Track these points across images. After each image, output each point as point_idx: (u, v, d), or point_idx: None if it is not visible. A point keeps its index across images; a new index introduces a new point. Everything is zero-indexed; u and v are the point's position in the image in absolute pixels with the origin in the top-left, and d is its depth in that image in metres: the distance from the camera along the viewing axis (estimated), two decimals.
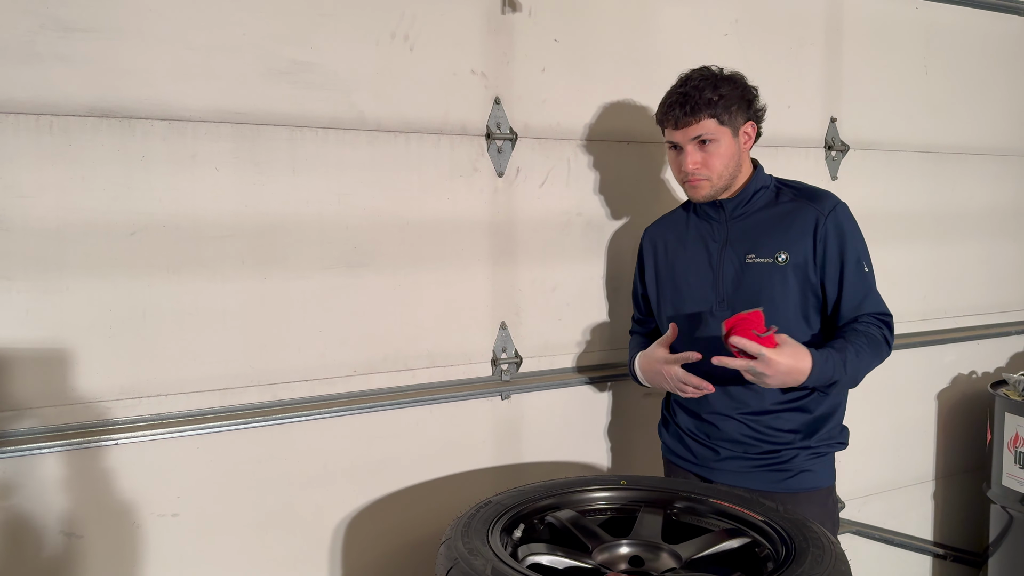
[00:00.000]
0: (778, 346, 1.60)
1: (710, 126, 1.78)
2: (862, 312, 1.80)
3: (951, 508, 3.09)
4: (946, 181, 2.92)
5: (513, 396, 2.19)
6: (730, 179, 1.85)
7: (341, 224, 1.94)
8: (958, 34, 2.90)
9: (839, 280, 1.80)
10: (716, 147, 1.80)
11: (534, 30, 2.14)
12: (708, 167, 1.81)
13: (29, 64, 1.63)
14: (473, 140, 2.09)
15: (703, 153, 1.81)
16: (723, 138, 1.80)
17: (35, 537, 1.69)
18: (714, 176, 1.82)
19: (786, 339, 1.63)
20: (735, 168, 1.85)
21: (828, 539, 1.40)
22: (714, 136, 1.79)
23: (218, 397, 1.84)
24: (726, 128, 1.80)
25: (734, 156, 1.83)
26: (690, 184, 1.85)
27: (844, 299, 1.80)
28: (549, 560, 1.44)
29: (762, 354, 1.58)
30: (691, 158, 1.81)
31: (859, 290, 1.80)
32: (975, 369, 3.09)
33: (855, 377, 1.75)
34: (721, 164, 1.81)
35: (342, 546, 2.01)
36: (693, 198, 1.89)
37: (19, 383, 1.66)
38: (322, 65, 1.90)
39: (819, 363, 1.64)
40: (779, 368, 1.59)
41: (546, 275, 2.21)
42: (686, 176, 1.84)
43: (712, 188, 1.84)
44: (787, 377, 1.62)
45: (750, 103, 1.85)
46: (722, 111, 1.78)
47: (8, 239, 1.63)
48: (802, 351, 1.63)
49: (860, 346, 1.73)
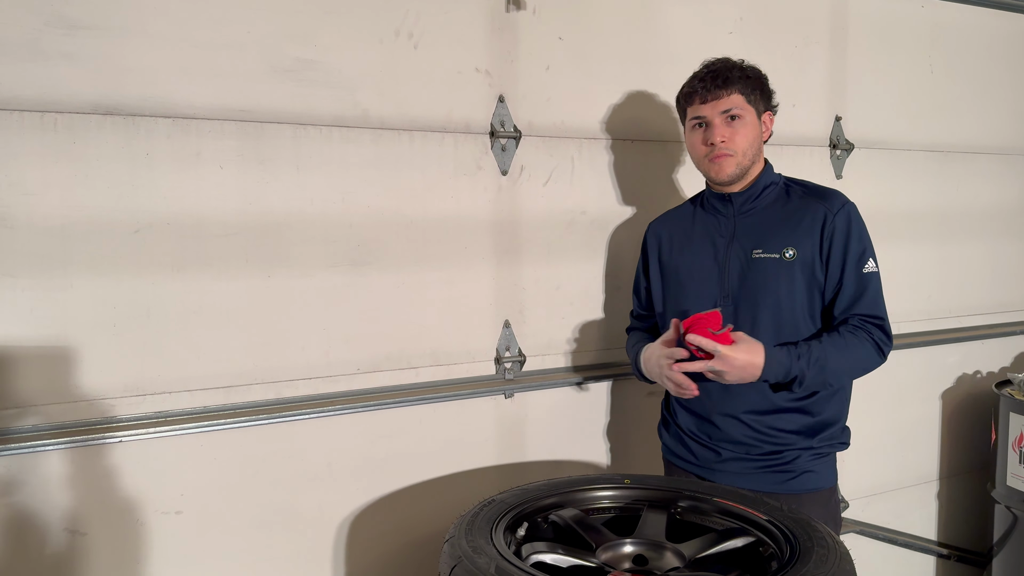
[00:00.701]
0: (734, 343, 1.67)
1: (739, 100, 1.81)
2: (853, 313, 1.78)
3: (955, 508, 3.08)
4: (951, 180, 2.92)
5: (517, 395, 2.19)
6: (750, 163, 1.84)
7: (345, 222, 1.94)
8: (964, 33, 2.89)
9: (838, 278, 1.79)
10: (743, 124, 1.81)
11: (538, 28, 2.14)
12: (734, 143, 1.81)
13: (34, 61, 1.63)
14: (477, 138, 2.09)
15: (730, 128, 1.81)
16: (748, 117, 1.82)
17: (39, 534, 1.69)
18: (739, 153, 1.81)
19: (742, 336, 1.70)
20: (755, 153, 1.85)
21: (833, 538, 1.40)
22: (742, 112, 1.81)
23: (222, 395, 1.85)
24: (752, 108, 1.83)
25: (756, 139, 1.84)
26: (715, 161, 1.83)
27: (838, 298, 1.79)
28: (553, 559, 1.43)
29: (717, 351, 1.65)
30: (719, 131, 1.81)
31: (854, 290, 1.78)
32: (980, 369, 3.09)
33: (825, 378, 1.74)
34: (746, 142, 1.82)
35: (345, 544, 2.01)
36: (716, 176, 1.86)
37: (23, 380, 1.67)
38: (326, 63, 1.90)
39: (772, 358, 1.69)
40: (735, 364, 1.66)
41: (550, 274, 2.21)
42: (711, 152, 1.83)
43: (737, 167, 1.82)
44: (744, 372, 1.68)
45: (769, 96, 1.89)
46: (749, 90, 1.82)
47: (13, 237, 1.64)
48: (757, 346, 1.69)
49: (835, 345, 1.73)
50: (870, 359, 1.78)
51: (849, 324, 1.78)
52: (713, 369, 1.67)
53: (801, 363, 1.71)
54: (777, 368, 1.70)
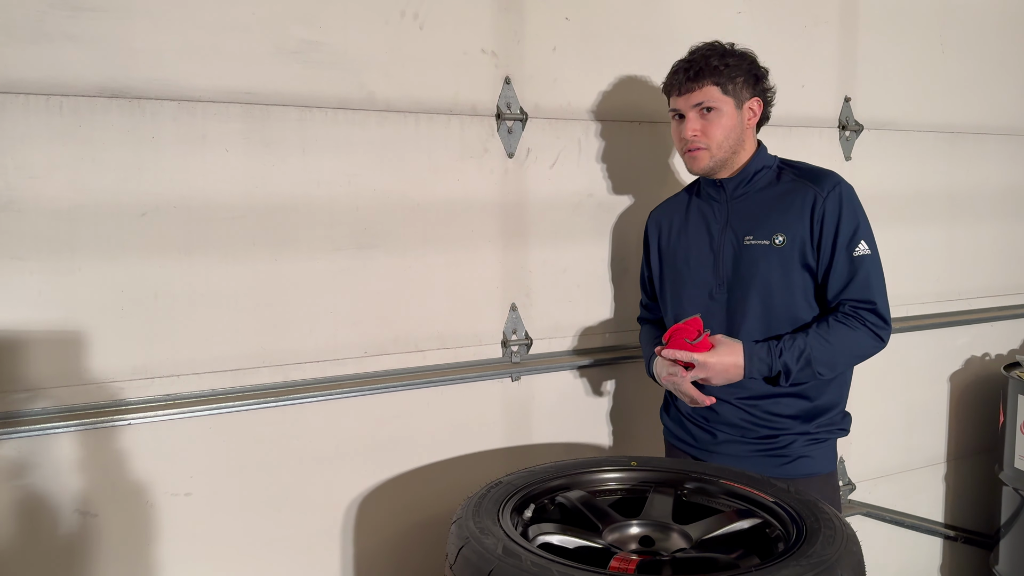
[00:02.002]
0: (712, 348, 1.71)
1: (713, 93, 1.78)
2: (845, 298, 1.76)
3: (962, 490, 3.08)
4: (961, 162, 2.89)
5: (523, 377, 2.19)
6: (729, 152, 1.82)
7: (351, 205, 1.94)
8: (974, 12, 2.85)
9: (828, 262, 1.76)
10: (717, 116, 1.79)
11: (545, 9, 2.12)
12: (708, 136, 1.79)
13: (39, 44, 1.63)
14: (483, 120, 2.08)
15: (703, 121, 1.80)
16: (725, 108, 1.79)
17: (51, 516, 1.71)
18: (713, 146, 1.80)
19: (720, 338, 1.74)
20: (735, 142, 1.82)
21: (839, 520, 1.40)
22: (716, 104, 1.78)
23: (230, 377, 1.85)
24: (729, 98, 1.79)
25: (735, 129, 1.81)
26: (689, 154, 1.83)
27: (829, 283, 1.77)
28: (560, 540, 1.44)
29: (694, 359, 1.70)
30: (691, 125, 1.80)
31: (845, 274, 1.75)
32: (988, 351, 3.08)
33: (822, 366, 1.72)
34: (721, 134, 1.79)
35: (353, 525, 2.03)
36: (691, 169, 1.86)
37: (33, 364, 1.68)
38: (332, 44, 1.89)
39: (753, 355, 1.72)
40: (715, 368, 1.71)
41: (556, 256, 2.21)
42: (685, 145, 1.83)
43: (711, 160, 1.81)
44: (728, 374, 1.73)
45: (758, 79, 1.84)
46: (726, 80, 1.78)
47: (20, 220, 1.64)
48: (736, 346, 1.73)
49: (822, 336, 1.72)
50: (864, 345, 1.75)
51: (840, 311, 1.76)
52: (697, 377, 1.73)
53: (784, 358, 1.71)
54: (759, 365, 1.72)
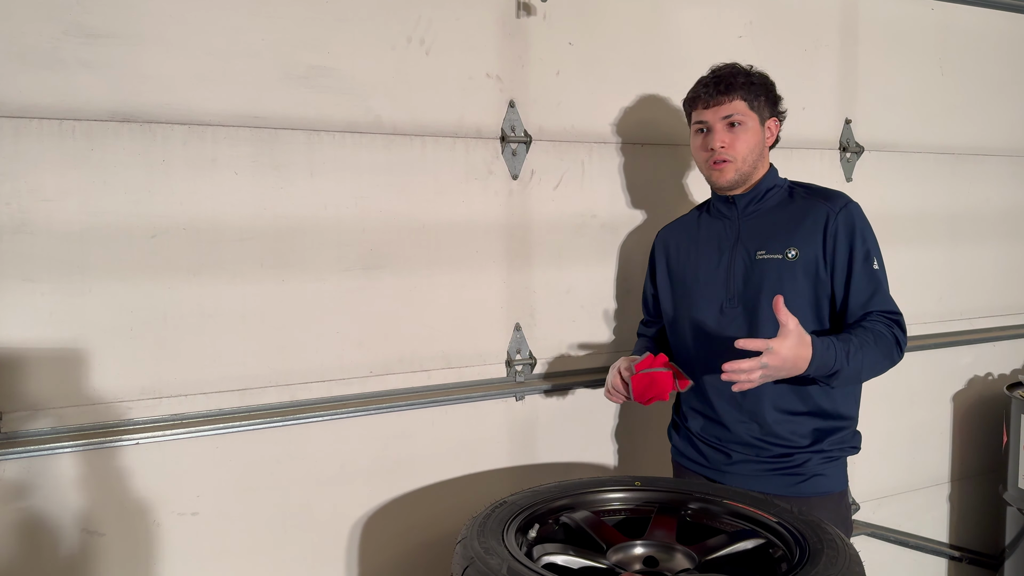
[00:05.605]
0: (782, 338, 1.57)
1: (741, 107, 1.83)
2: (869, 310, 1.77)
3: (967, 510, 3.07)
4: (962, 183, 2.91)
5: (528, 397, 2.20)
6: (751, 169, 1.86)
7: (358, 227, 1.96)
8: (974, 35, 2.88)
9: (847, 277, 1.78)
10: (744, 131, 1.83)
11: (549, 33, 2.15)
12: (734, 149, 1.83)
13: (53, 70, 1.66)
14: (488, 143, 2.11)
15: (730, 135, 1.84)
16: (751, 123, 1.84)
17: (57, 534, 1.72)
18: (739, 159, 1.83)
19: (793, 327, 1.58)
20: (757, 158, 1.86)
21: (842, 540, 1.41)
22: (743, 119, 1.83)
23: (237, 397, 1.87)
24: (754, 114, 1.85)
25: (758, 145, 1.86)
26: (715, 167, 1.86)
27: (851, 297, 1.78)
28: (564, 560, 1.45)
29: (770, 347, 1.55)
30: (719, 137, 1.83)
31: (866, 288, 1.77)
32: (991, 371, 3.08)
33: (858, 372, 1.69)
34: (747, 148, 1.84)
35: (359, 545, 2.03)
36: (716, 183, 1.88)
37: (42, 383, 1.69)
38: (339, 70, 1.92)
39: (819, 349, 1.61)
40: (784, 356, 1.56)
41: (560, 277, 2.22)
42: (711, 157, 1.85)
43: (736, 173, 1.84)
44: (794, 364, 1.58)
45: (776, 102, 1.91)
46: (753, 97, 1.84)
47: (32, 242, 1.66)
48: (806, 338, 1.60)
49: (865, 341, 1.70)
50: (891, 355, 1.74)
51: (869, 320, 1.75)
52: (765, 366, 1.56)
53: (842, 358, 1.65)
54: (823, 362, 1.63)
